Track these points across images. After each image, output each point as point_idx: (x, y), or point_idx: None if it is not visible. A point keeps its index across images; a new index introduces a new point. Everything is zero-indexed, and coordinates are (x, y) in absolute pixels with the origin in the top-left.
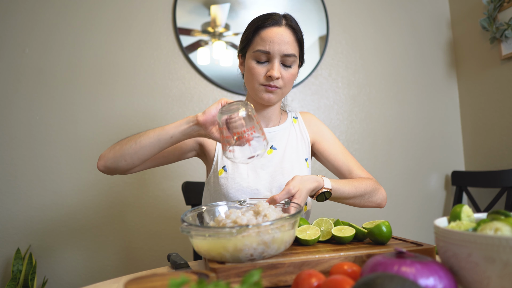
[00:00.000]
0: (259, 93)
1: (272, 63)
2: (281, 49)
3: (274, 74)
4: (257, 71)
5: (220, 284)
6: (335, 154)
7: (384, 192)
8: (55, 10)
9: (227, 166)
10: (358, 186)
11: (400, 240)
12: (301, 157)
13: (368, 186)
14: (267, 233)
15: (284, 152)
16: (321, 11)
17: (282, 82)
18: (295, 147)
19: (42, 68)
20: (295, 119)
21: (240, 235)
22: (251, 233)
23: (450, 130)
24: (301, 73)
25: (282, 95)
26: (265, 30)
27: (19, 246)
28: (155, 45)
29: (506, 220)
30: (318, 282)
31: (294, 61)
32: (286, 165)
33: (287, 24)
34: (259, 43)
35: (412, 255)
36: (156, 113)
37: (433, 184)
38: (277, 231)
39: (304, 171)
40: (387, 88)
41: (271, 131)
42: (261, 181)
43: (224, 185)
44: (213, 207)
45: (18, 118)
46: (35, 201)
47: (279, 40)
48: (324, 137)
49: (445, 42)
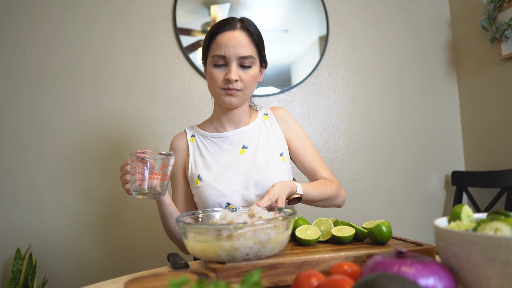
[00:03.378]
0: (220, 97)
1: (230, 66)
2: (237, 52)
3: (231, 77)
4: (216, 76)
5: (220, 284)
6: (303, 154)
7: (344, 194)
8: (55, 10)
9: (201, 174)
10: (324, 190)
11: (400, 240)
12: (275, 152)
13: (332, 190)
14: (264, 232)
15: (256, 149)
16: (321, 11)
17: (242, 84)
18: (267, 143)
19: (42, 68)
20: (265, 115)
21: (237, 231)
22: (248, 232)
23: (450, 130)
24: (301, 73)
25: (244, 96)
26: (220, 35)
27: (19, 246)
28: (155, 45)
29: (506, 220)
30: (318, 282)
31: (252, 62)
32: (259, 161)
33: (242, 27)
34: (216, 48)
35: (412, 255)
36: (156, 113)
37: (433, 184)
38: (272, 231)
39: (279, 166)
40: (387, 88)
41: (241, 131)
42: (236, 181)
43: (202, 192)
44: (209, 213)
45: (18, 118)
46: (35, 201)
47: (233, 43)
48: (294, 136)
49: (445, 42)
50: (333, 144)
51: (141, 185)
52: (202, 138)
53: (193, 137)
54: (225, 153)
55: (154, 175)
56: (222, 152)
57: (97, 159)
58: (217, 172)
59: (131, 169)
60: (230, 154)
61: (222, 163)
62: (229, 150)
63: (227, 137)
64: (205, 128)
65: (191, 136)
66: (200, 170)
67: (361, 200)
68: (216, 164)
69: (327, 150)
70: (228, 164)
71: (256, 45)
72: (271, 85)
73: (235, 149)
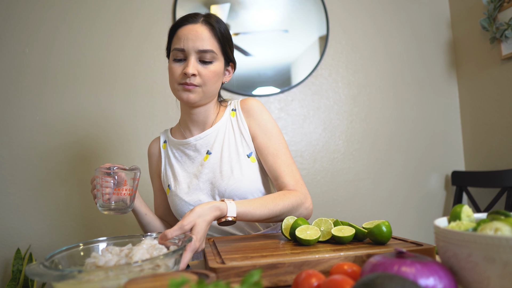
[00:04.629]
0: (178, 93)
1: (188, 60)
2: (196, 45)
3: (188, 70)
4: (174, 70)
5: (220, 284)
6: (266, 154)
7: (309, 205)
8: (56, 10)
9: (170, 184)
10: (274, 207)
11: (400, 240)
12: (242, 155)
13: (287, 204)
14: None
15: (221, 154)
16: (321, 11)
17: (201, 80)
18: (234, 144)
19: (42, 68)
20: (233, 111)
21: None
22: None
23: (450, 130)
24: (301, 73)
25: (204, 93)
26: (181, 28)
27: (19, 246)
28: (155, 45)
29: (506, 220)
30: (318, 282)
31: (213, 58)
32: (224, 167)
33: (204, 21)
34: (175, 41)
35: (412, 255)
36: (156, 113)
37: (433, 184)
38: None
39: (247, 169)
40: (387, 88)
41: (203, 136)
42: (202, 191)
43: (172, 202)
44: (92, 244)
45: (18, 118)
46: (35, 201)
47: (193, 36)
48: (259, 132)
49: (445, 42)
50: (333, 144)
51: (107, 200)
52: (171, 145)
53: (165, 143)
54: (191, 160)
55: (120, 190)
56: (188, 160)
57: (97, 159)
58: (184, 181)
59: (97, 184)
60: (196, 162)
61: (189, 171)
62: (194, 157)
63: (191, 143)
64: (175, 134)
65: (163, 142)
66: (170, 180)
67: (361, 200)
68: (183, 173)
69: (327, 150)
70: (194, 173)
71: (219, 41)
72: (271, 85)
73: (200, 156)
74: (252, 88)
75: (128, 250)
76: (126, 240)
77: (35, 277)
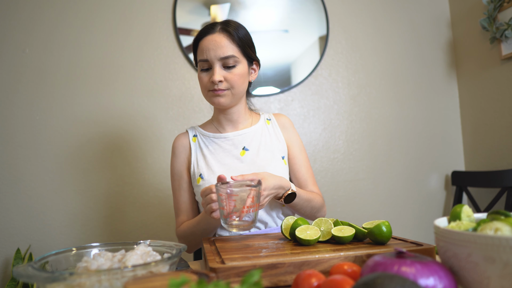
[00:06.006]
0: (210, 99)
1: (213, 68)
2: (217, 53)
3: (214, 78)
4: (203, 79)
5: (220, 284)
6: (299, 164)
7: (325, 210)
8: (56, 10)
9: (203, 173)
10: (313, 199)
11: (400, 240)
12: (277, 155)
13: (317, 202)
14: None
15: (257, 151)
16: (321, 11)
17: (228, 84)
18: (270, 145)
19: (42, 68)
20: (268, 120)
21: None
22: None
23: (450, 130)
24: (301, 73)
25: (233, 96)
26: (202, 40)
27: (19, 246)
28: (155, 45)
29: (506, 220)
30: (318, 282)
31: (236, 61)
32: (260, 163)
33: (221, 29)
34: (199, 53)
35: (412, 255)
36: (156, 113)
37: (433, 184)
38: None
39: (280, 168)
40: (387, 88)
41: (242, 133)
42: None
43: None
44: (84, 250)
45: (18, 118)
46: (35, 201)
47: (213, 46)
48: (294, 144)
49: (445, 42)
50: (333, 144)
51: (232, 218)
52: (204, 138)
53: (195, 137)
54: (226, 153)
55: (247, 208)
56: (223, 152)
57: (97, 159)
58: (218, 171)
59: (220, 202)
60: (231, 155)
61: (223, 163)
62: (230, 150)
63: (228, 138)
64: (207, 129)
65: (193, 136)
66: (202, 169)
67: (361, 200)
68: (217, 163)
69: (327, 150)
70: (229, 164)
71: (238, 45)
72: (271, 85)
73: (236, 150)
74: (252, 88)
75: (121, 255)
76: (119, 247)
77: (22, 279)
